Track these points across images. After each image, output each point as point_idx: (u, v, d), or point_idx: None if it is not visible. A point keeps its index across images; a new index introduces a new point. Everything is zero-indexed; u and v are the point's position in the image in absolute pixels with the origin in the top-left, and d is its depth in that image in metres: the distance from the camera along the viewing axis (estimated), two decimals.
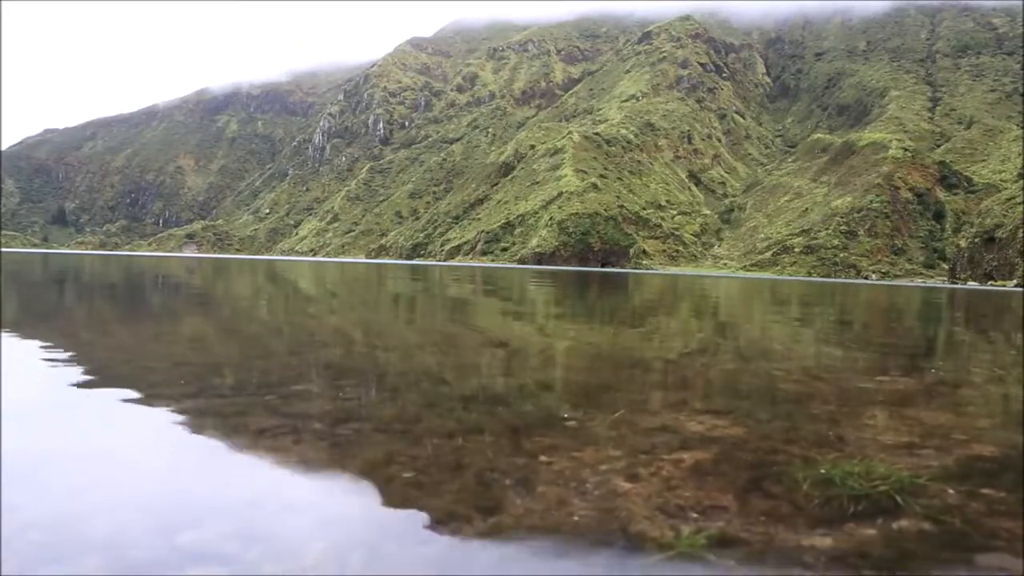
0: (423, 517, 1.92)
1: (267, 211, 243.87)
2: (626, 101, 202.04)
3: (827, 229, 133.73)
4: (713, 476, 2.34)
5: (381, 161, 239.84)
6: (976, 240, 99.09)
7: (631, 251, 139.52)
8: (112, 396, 3.48)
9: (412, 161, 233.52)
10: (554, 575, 1.61)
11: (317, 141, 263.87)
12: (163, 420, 3.01)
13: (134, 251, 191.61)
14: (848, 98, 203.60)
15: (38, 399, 3.47)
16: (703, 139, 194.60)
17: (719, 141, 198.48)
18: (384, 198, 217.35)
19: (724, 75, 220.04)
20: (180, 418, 3.02)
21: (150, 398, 3.40)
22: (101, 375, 4.11)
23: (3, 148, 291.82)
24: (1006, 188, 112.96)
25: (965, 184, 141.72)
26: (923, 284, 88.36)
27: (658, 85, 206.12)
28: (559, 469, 2.36)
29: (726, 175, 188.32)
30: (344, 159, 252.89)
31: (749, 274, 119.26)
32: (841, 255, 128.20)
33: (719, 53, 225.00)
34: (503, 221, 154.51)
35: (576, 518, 1.93)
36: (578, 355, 6.09)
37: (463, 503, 2.03)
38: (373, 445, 2.64)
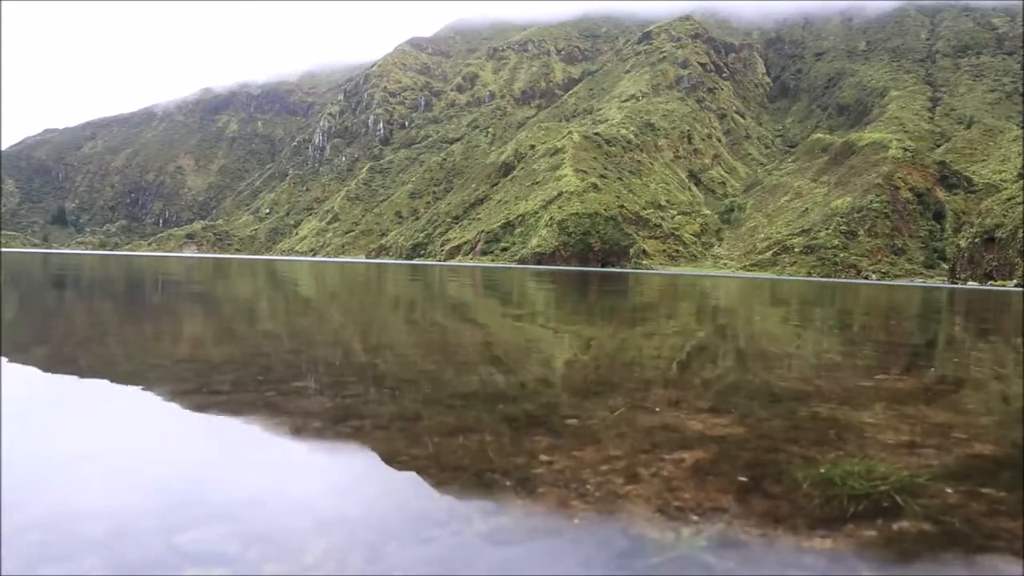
0: (423, 517, 1.92)
1: (267, 211, 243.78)
2: (626, 101, 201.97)
3: (827, 229, 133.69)
4: (713, 476, 2.34)
5: (381, 161, 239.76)
6: (976, 240, 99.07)
7: (631, 251, 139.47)
8: (112, 395, 3.48)
9: (412, 161, 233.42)
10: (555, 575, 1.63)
11: (317, 141, 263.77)
12: (163, 418, 3.01)
13: (134, 251, 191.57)
14: (848, 98, 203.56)
15: (38, 398, 3.46)
16: (703, 139, 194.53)
17: (719, 141, 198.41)
18: (384, 198, 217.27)
19: (724, 75, 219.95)
20: (180, 416, 3.02)
21: (150, 396, 3.40)
22: (102, 374, 4.10)
23: (3, 148, 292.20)
24: (1006, 188, 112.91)
25: (965, 184, 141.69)
26: (923, 284, 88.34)
27: (658, 85, 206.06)
28: (559, 469, 2.36)
29: (726, 175, 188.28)
30: (344, 159, 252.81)
31: (749, 274, 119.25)
32: (841, 255, 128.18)
33: (719, 53, 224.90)
34: (503, 221, 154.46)
35: (576, 519, 1.92)
36: (578, 354, 6.09)
37: (463, 503, 2.03)
38: (373, 443, 2.63)
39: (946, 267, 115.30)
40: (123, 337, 6.34)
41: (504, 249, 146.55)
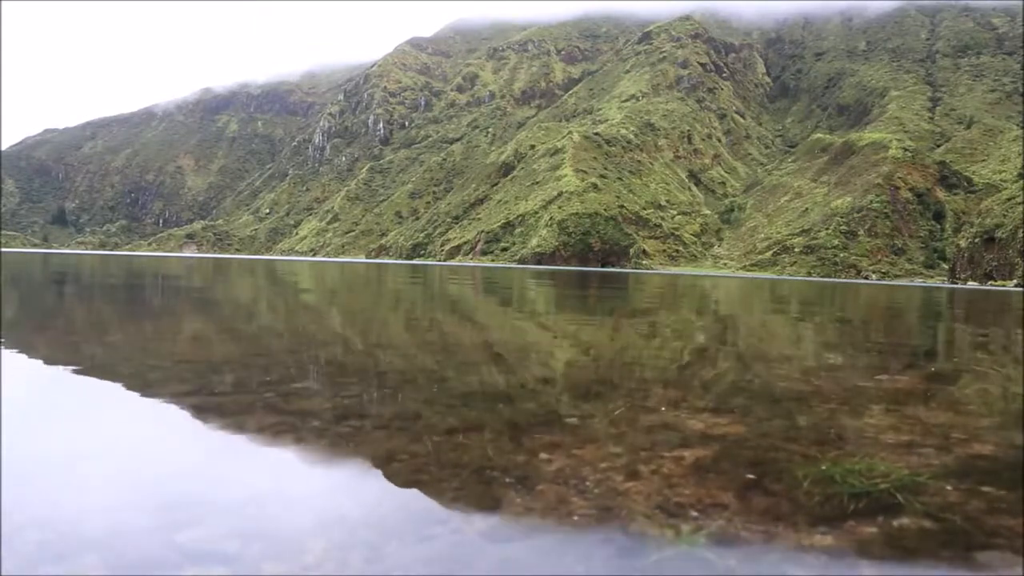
0: (423, 515, 1.92)
1: (267, 211, 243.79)
2: (626, 101, 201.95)
3: (827, 229, 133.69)
4: (713, 474, 2.34)
5: (381, 161, 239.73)
6: (976, 240, 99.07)
7: (631, 251, 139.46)
8: (112, 394, 3.48)
9: (412, 161, 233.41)
10: (555, 574, 1.60)
11: (317, 141, 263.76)
12: (163, 418, 3.01)
13: (134, 251, 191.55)
14: (848, 98, 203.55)
15: (38, 397, 3.46)
16: (703, 139, 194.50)
17: (719, 141, 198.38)
18: (384, 198, 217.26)
19: (724, 75, 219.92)
20: (180, 416, 3.02)
21: (150, 396, 3.40)
22: (102, 373, 4.11)
23: (3, 148, 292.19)
24: (1006, 188, 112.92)
25: (965, 184, 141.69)
26: (923, 284, 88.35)
27: (658, 85, 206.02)
28: (559, 467, 2.36)
29: (726, 175, 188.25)
30: (344, 159, 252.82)
31: (749, 274, 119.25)
32: (841, 255, 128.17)
33: (719, 53, 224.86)
34: (503, 221, 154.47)
35: (576, 516, 1.93)
36: (578, 353, 6.09)
37: (463, 501, 2.03)
38: (373, 443, 2.63)
39: (946, 267, 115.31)
40: (123, 337, 6.34)
41: (504, 249, 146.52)
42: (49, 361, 4.48)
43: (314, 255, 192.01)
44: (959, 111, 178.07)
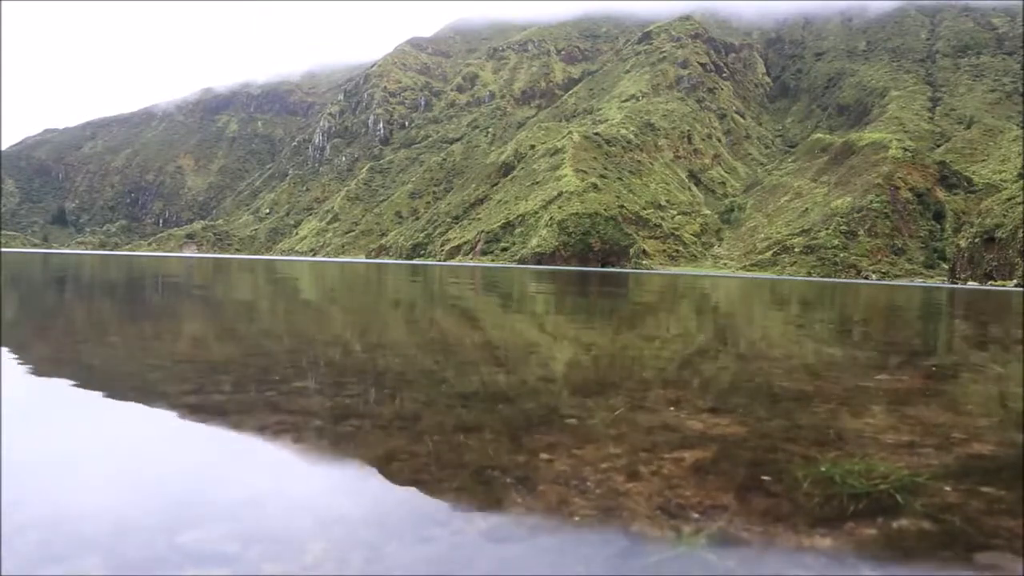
0: (424, 516, 1.93)
1: (267, 211, 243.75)
2: (626, 101, 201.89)
3: (827, 229, 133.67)
4: (713, 475, 2.34)
5: (381, 161, 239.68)
6: (976, 240, 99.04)
7: (631, 251, 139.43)
8: (113, 395, 3.47)
9: (412, 161, 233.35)
10: (555, 574, 1.61)
11: (317, 141, 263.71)
12: (163, 418, 3.01)
13: (134, 251, 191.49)
14: (848, 98, 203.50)
15: (38, 397, 3.46)
16: (703, 139, 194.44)
17: (719, 141, 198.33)
18: (384, 198, 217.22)
19: (724, 75, 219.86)
20: (181, 416, 3.02)
21: (151, 396, 3.40)
22: (102, 373, 4.11)
23: (3, 148, 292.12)
24: (1006, 188, 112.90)
25: (965, 184, 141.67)
26: (923, 284, 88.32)
27: (658, 85, 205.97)
28: (560, 467, 2.36)
29: (726, 175, 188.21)
30: (344, 159, 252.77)
31: (749, 274, 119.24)
32: (841, 255, 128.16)
33: (719, 53, 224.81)
34: (503, 221, 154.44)
35: (577, 517, 1.93)
36: (578, 354, 6.08)
37: (464, 501, 2.03)
38: (373, 443, 2.63)
39: (946, 267, 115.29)
40: (123, 337, 6.33)
41: (504, 249, 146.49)
42: (49, 361, 4.48)
43: (314, 255, 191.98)
44: (959, 111, 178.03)
